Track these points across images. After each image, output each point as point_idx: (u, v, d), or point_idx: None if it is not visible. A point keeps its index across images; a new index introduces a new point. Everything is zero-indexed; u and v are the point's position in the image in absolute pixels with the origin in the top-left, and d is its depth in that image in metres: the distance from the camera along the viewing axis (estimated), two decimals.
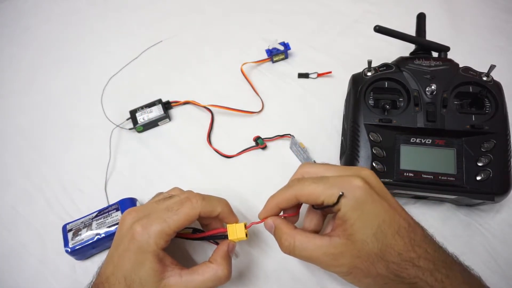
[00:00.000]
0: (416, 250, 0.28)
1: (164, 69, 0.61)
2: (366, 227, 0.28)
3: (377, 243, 0.28)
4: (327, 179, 0.30)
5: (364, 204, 0.29)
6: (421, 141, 0.39)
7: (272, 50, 0.57)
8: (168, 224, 0.32)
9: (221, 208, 0.35)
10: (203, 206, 0.34)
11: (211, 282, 0.32)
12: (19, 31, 0.71)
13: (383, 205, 0.29)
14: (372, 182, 0.30)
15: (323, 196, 0.29)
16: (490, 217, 0.41)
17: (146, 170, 0.49)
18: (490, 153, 0.37)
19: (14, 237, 0.45)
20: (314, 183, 0.30)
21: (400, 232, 0.28)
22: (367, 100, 0.42)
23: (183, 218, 0.32)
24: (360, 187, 0.29)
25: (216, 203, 0.35)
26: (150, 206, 0.34)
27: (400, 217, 0.29)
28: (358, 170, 0.31)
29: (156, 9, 0.71)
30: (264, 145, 0.49)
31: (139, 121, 0.52)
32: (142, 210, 0.34)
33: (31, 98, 0.60)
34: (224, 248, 0.34)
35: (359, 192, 0.29)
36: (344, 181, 0.29)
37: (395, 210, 0.29)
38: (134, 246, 0.31)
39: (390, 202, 0.30)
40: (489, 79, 0.40)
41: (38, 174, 0.50)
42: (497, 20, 0.60)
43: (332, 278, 0.39)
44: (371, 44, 0.57)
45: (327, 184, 0.30)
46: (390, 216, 0.29)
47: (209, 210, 0.34)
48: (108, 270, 0.32)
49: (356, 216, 0.28)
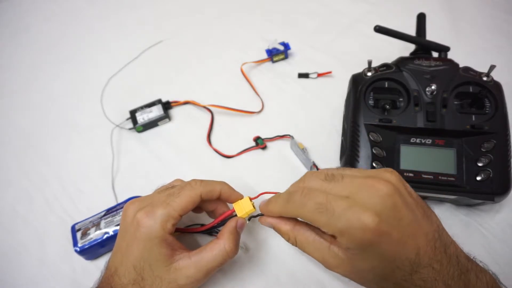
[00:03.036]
0: (419, 272, 0.26)
1: (164, 69, 0.61)
2: (364, 262, 0.27)
3: (374, 276, 0.27)
4: (332, 211, 0.26)
5: (366, 247, 0.25)
6: (421, 141, 0.39)
7: (272, 50, 0.57)
8: (172, 206, 0.32)
9: (221, 187, 0.35)
10: (203, 187, 0.34)
11: (220, 257, 0.32)
12: (19, 31, 0.71)
13: (390, 243, 0.25)
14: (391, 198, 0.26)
15: (325, 228, 0.27)
16: (490, 217, 0.41)
17: (146, 170, 0.49)
18: (490, 153, 0.37)
19: (14, 237, 0.45)
20: (319, 212, 0.26)
21: (403, 267, 0.26)
22: (367, 100, 0.42)
23: (185, 200, 0.32)
24: (367, 228, 0.24)
25: (214, 183, 0.35)
26: (152, 196, 0.34)
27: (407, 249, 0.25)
28: (376, 184, 0.26)
29: (156, 9, 0.71)
30: (264, 145, 0.49)
31: (139, 121, 0.52)
32: (144, 200, 0.34)
33: (31, 98, 0.60)
34: (232, 224, 0.34)
35: (364, 235, 0.25)
36: (351, 216, 0.25)
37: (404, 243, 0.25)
38: (140, 233, 0.31)
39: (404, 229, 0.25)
40: (489, 79, 0.40)
41: (38, 174, 0.50)
42: (497, 20, 0.60)
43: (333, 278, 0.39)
44: (371, 44, 0.57)
45: (331, 218, 0.26)
46: (394, 253, 0.25)
47: (209, 190, 0.34)
48: (116, 262, 0.32)
49: (355, 253, 0.27)
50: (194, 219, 0.42)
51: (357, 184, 0.27)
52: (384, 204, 0.25)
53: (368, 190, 0.26)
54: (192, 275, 0.31)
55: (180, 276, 0.31)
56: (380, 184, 0.26)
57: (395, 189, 0.26)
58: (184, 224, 0.41)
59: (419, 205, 0.28)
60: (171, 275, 0.31)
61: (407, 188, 0.28)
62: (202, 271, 0.32)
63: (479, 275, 0.27)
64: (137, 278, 0.30)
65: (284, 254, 0.40)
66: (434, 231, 0.27)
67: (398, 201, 0.26)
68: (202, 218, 0.42)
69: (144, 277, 0.30)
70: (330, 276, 0.39)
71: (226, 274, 0.39)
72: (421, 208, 0.27)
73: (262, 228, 0.42)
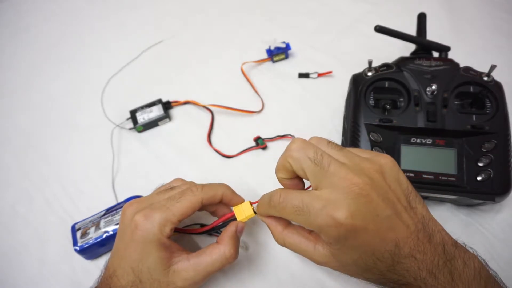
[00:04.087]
0: (401, 262, 0.26)
1: (164, 69, 0.61)
2: (346, 256, 0.28)
3: (357, 268, 0.28)
4: (308, 212, 0.27)
5: (343, 242, 0.26)
6: (421, 141, 0.39)
7: (273, 50, 0.57)
8: (172, 211, 0.32)
9: (222, 191, 0.36)
10: (204, 192, 0.34)
11: (219, 262, 0.32)
12: (19, 31, 0.71)
13: (367, 236, 0.26)
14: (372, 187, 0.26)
15: (306, 226, 0.29)
16: (491, 217, 0.41)
17: (146, 170, 0.49)
18: (491, 153, 0.37)
19: (14, 237, 0.45)
20: (297, 214, 0.28)
21: (384, 260, 0.26)
22: (368, 100, 0.42)
23: (185, 206, 0.33)
24: (339, 224, 0.25)
25: (216, 187, 0.36)
26: (151, 197, 0.34)
27: (386, 241, 0.26)
28: (354, 180, 0.26)
29: (156, 9, 0.71)
30: (265, 145, 0.49)
31: (139, 121, 0.52)
32: (143, 201, 0.34)
33: (31, 98, 0.60)
34: (232, 229, 0.34)
35: (338, 231, 0.26)
36: (325, 215, 0.26)
37: (381, 236, 0.26)
38: (138, 236, 0.31)
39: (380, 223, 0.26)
40: (489, 79, 0.40)
41: (38, 174, 0.50)
42: (497, 20, 0.60)
43: (333, 278, 0.39)
44: (371, 44, 0.57)
45: (309, 218, 0.27)
46: (372, 246, 0.26)
47: (211, 195, 0.35)
48: (115, 263, 0.32)
49: (337, 248, 0.27)
50: (194, 218, 0.42)
51: (338, 178, 0.27)
52: (358, 201, 0.26)
53: (346, 186, 0.26)
54: (191, 278, 0.32)
55: (178, 278, 0.31)
56: (359, 179, 0.26)
57: (373, 184, 0.26)
58: (183, 224, 0.41)
59: (404, 197, 0.28)
60: (169, 278, 0.31)
61: (397, 177, 0.28)
62: (200, 274, 0.32)
63: (467, 261, 0.27)
64: (135, 281, 0.31)
65: (284, 254, 0.40)
66: (418, 222, 0.27)
67: (374, 196, 0.26)
68: (203, 218, 0.41)
69: (142, 279, 0.31)
70: (330, 276, 0.39)
71: (226, 274, 0.39)
72: (406, 200, 0.28)
73: (262, 228, 0.42)
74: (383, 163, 0.28)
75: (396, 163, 0.29)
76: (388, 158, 0.29)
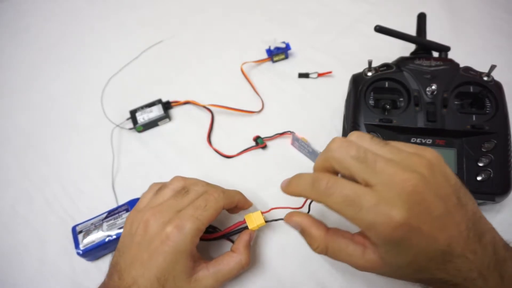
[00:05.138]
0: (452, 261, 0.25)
1: (164, 69, 0.61)
2: (399, 258, 0.26)
3: (410, 270, 0.26)
4: (359, 205, 0.25)
5: (397, 243, 0.25)
6: (421, 141, 0.39)
7: (273, 50, 0.57)
8: (201, 221, 0.33)
9: (238, 198, 0.38)
10: (225, 198, 0.36)
11: (236, 270, 0.35)
12: (19, 31, 0.71)
13: (421, 237, 0.24)
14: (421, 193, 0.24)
15: (352, 221, 0.26)
16: (491, 217, 0.41)
17: (146, 170, 0.49)
18: (491, 153, 0.37)
19: (14, 237, 0.45)
20: (346, 205, 0.26)
21: (436, 258, 0.25)
22: (367, 100, 0.42)
23: (212, 214, 0.34)
24: (396, 223, 0.24)
25: (233, 193, 0.38)
26: (171, 203, 0.34)
27: (439, 242, 0.25)
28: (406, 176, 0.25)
29: (156, 9, 0.71)
30: (264, 145, 0.49)
31: (139, 121, 0.52)
32: (164, 209, 0.34)
33: (31, 98, 0.60)
34: (246, 238, 0.37)
35: (393, 231, 0.24)
36: (379, 212, 0.24)
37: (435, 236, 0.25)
38: (169, 247, 0.31)
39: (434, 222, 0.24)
40: (489, 79, 0.40)
41: (38, 174, 0.50)
42: (497, 20, 0.60)
43: (333, 278, 0.39)
44: (371, 44, 0.57)
45: (359, 213, 0.25)
46: (426, 246, 0.25)
47: (230, 201, 0.37)
48: (136, 273, 0.31)
49: (388, 250, 0.26)
50: None
51: (387, 175, 0.25)
52: (412, 198, 0.24)
53: (398, 182, 0.25)
54: (210, 285, 0.33)
55: (199, 286, 0.33)
56: (410, 175, 0.25)
57: (425, 181, 0.25)
58: None
59: (453, 193, 0.26)
60: (191, 285, 0.32)
61: (445, 172, 0.27)
62: (219, 282, 0.34)
63: None
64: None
65: (284, 254, 0.40)
66: (468, 220, 0.25)
67: (427, 193, 0.25)
68: None
69: (166, 287, 0.31)
70: (331, 277, 0.39)
71: None
72: (455, 197, 0.26)
73: (261, 229, 0.42)
74: (430, 157, 0.26)
75: (442, 158, 0.27)
76: (434, 152, 0.27)
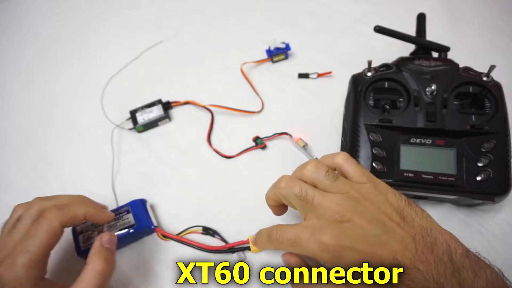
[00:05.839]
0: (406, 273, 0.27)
1: (164, 69, 0.61)
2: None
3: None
4: (300, 243, 0.29)
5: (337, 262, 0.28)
6: (421, 141, 0.39)
7: (273, 50, 0.57)
8: (33, 252, 0.30)
9: (84, 211, 0.34)
10: (62, 216, 0.32)
11: (97, 280, 0.30)
12: (19, 31, 0.71)
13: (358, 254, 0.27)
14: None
15: (303, 254, 0.30)
16: (490, 218, 0.41)
17: (146, 171, 0.49)
18: (490, 153, 0.37)
19: None
20: (292, 246, 0.30)
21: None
22: (367, 100, 0.42)
23: (45, 238, 0.31)
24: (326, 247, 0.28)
25: (75, 207, 0.34)
26: (4, 242, 0.31)
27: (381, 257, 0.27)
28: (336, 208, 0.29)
29: (156, 9, 0.71)
30: (264, 145, 0.49)
31: (139, 121, 0.52)
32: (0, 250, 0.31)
33: (31, 98, 0.60)
34: (97, 243, 0.33)
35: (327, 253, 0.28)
36: (313, 242, 0.28)
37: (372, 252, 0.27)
38: None
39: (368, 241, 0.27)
40: (489, 79, 0.40)
41: (38, 174, 0.50)
42: (497, 20, 0.60)
43: None
44: (371, 44, 0.57)
45: (303, 249, 0.29)
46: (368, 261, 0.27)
47: (71, 216, 0.33)
48: None
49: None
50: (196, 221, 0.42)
51: (322, 208, 0.30)
52: (341, 225, 0.28)
53: (329, 214, 0.29)
54: None
55: None
56: (341, 208, 0.29)
57: (356, 210, 0.29)
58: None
59: (394, 215, 0.29)
60: None
61: (387, 197, 0.30)
62: None
63: (477, 272, 0.26)
64: None
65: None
66: (416, 234, 0.28)
67: (356, 220, 0.28)
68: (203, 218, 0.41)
69: None
70: None
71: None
72: (398, 216, 0.29)
73: None
74: (370, 190, 0.30)
75: (385, 185, 0.31)
76: (377, 182, 0.31)
